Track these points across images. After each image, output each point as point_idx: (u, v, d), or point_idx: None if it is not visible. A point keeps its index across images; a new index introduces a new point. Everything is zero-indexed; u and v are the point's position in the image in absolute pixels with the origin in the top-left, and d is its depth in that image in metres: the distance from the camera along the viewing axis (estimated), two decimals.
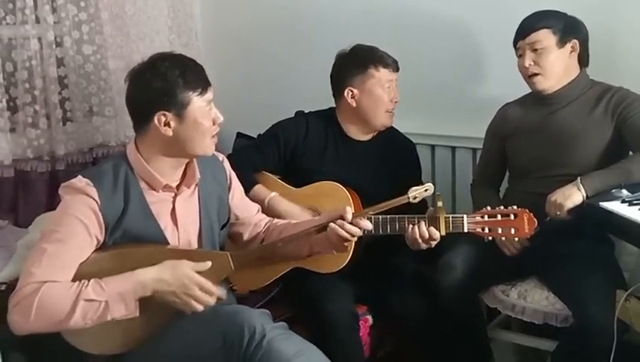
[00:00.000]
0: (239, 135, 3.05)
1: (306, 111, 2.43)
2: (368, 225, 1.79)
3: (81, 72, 2.81)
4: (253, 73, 3.17)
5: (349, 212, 1.77)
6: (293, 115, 2.45)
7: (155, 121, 1.66)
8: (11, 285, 1.64)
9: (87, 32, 2.80)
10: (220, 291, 1.67)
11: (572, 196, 1.91)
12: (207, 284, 1.64)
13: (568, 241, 2.02)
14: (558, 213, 1.93)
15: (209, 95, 1.71)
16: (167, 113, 1.65)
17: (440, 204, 1.87)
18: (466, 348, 2.16)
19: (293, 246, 1.87)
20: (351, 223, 1.76)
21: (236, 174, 1.98)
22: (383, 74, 2.26)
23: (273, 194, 2.21)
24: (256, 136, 2.58)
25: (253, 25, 3.14)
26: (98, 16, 2.82)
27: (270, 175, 2.31)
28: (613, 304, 1.75)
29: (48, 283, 1.55)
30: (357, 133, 2.33)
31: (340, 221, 1.77)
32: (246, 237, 1.98)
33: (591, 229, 2.00)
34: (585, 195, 1.90)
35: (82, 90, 2.82)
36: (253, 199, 2.11)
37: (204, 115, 1.69)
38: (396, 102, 2.29)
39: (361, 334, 2.11)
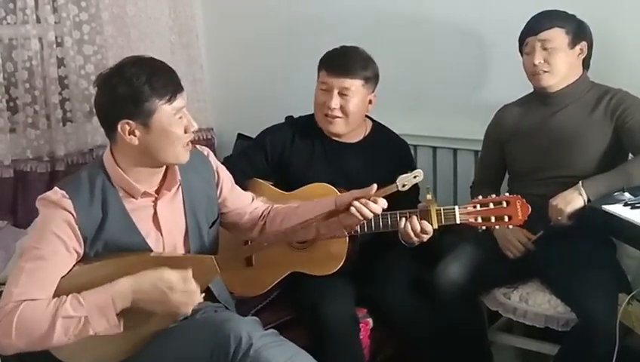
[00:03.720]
0: (240, 136, 3.04)
1: (296, 116, 2.42)
2: (384, 202, 1.74)
3: (81, 73, 2.81)
4: (254, 74, 3.16)
5: (374, 188, 1.73)
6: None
7: (119, 129, 1.59)
8: None
9: (88, 33, 2.80)
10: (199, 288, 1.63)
11: (573, 201, 1.91)
12: (187, 286, 1.59)
13: (570, 244, 2.01)
14: (559, 217, 1.93)
15: (179, 102, 1.62)
16: (130, 122, 1.58)
17: (430, 196, 1.85)
18: (467, 351, 2.14)
19: (294, 235, 1.83)
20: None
21: None
22: (320, 77, 2.25)
23: (260, 198, 2.19)
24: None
25: (255, 26, 3.13)
26: (99, 16, 2.82)
27: (262, 181, 2.30)
28: (616, 306, 1.74)
29: (27, 302, 1.52)
30: (341, 136, 2.30)
31: (363, 200, 1.72)
32: (243, 226, 1.94)
33: (593, 232, 1.99)
34: (586, 200, 1.90)
35: (82, 91, 2.82)
36: None
37: (173, 123, 1.61)
38: (329, 107, 2.20)
39: (361, 337, 2.10)
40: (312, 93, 2.32)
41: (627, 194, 1.81)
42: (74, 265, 1.62)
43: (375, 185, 1.74)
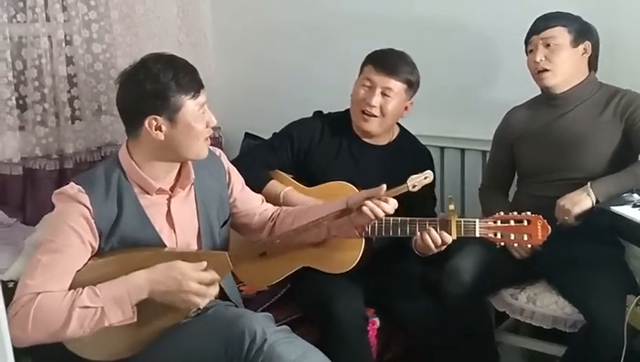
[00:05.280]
0: (247, 135, 3.05)
1: (325, 113, 2.41)
2: (395, 202, 1.75)
3: (90, 71, 2.82)
4: (261, 73, 3.17)
5: (384, 188, 1.74)
6: (307, 115, 2.40)
7: (146, 125, 1.61)
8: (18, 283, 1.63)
9: (97, 31, 2.82)
10: (218, 278, 1.65)
11: (581, 202, 1.91)
12: (204, 276, 1.61)
13: (578, 244, 2.01)
14: (566, 218, 1.92)
15: (202, 98, 1.66)
16: (158, 117, 1.61)
17: (452, 207, 1.85)
18: (474, 352, 2.14)
19: (306, 234, 1.83)
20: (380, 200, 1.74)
21: (249, 171, 1.95)
22: (364, 73, 2.24)
23: (287, 188, 2.20)
24: (264, 137, 2.57)
25: (263, 25, 3.13)
26: (108, 15, 2.83)
27: (283, 173, 2.30)
28: (624, 308, 1.73)
29: (43, 294, 1.54)
30: (368, 138, 2.29)
31: (375, 200, 1.74)
32: (252, 227, 1.95)
33: (601, 233, 1.98)
34: (594, 201, 1.90)
35: (91, 89, 2.83)
36: (268, 194, 2.11)
37: (197, 118, 1.65)
38: (368, 103, 2.19)
39: (369, 336, 2.10)
40: (322, 92, 2.33)
41: (636, 196, 1.80)
42: (89, 259, 1.63)
43: (384, 186, 1.75)
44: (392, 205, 1.75)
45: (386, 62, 2.21)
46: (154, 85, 1.60)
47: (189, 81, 1.64)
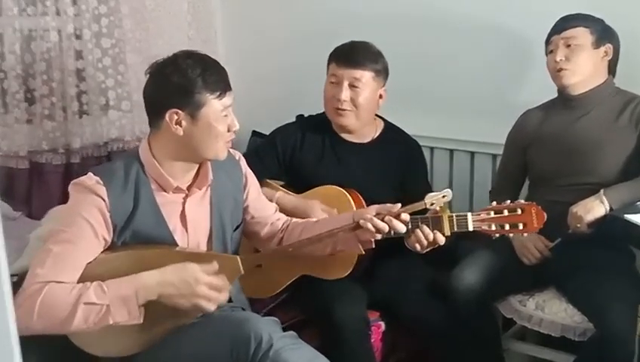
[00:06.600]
0: (254, 133, 3.03)
1: (306, 115, 2.40)
2: (400, 227, 1.71)
3: (99, 66, 2.81)
4: (270, 71, 3.15)
5: (397, 206, 1.71)
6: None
7: (167, 118, 1.61)
8: (22, 277, 1.61)
9: (107, 26, 2.81)
10: (229, 286, 1.64)
11: (593, 209, 1.88)
12: (215, 281, 1.60)
13: (589, 252, 1.98)
14: (579, 225, 1.90)
15: (227, 100, 1.66)
16: (179, 111, 1.61)
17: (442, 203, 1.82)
18: (480, 358, 2.11)
19: (315, 246, 1.81)
20: (384, 221, 1.70)
21: None
22: (330, 70, 2.22)
23: (279, 193, 2.18)
24: None
25: (273, 23, 3.12)
26: (118, 9, 2.82)
27: (273, 182, 2.28)
28: (636, 317, 1.70)
29: (51, 284, 1.52)
30: (350, 137, 2.27)
31: (387, 217, 1.69)
32: (263, 236, 1.93)
33: (612, 240, 1.96)
34: (607, 208, 1.87)
35: (99, 84, 2.82)
36: None
37: (219, 119, 1.64)
38: (338, 99, 2.16)
39: (373, 340, 2.08)
40: None
41: None
42: (101, 253, 1.61)
43: (399, 204, 1.72)
44: (402, 222, 1.71)
45: (348, 54, 2.19)
46: (180, 79, 1.60)
47: (217, 80, 1.63)
